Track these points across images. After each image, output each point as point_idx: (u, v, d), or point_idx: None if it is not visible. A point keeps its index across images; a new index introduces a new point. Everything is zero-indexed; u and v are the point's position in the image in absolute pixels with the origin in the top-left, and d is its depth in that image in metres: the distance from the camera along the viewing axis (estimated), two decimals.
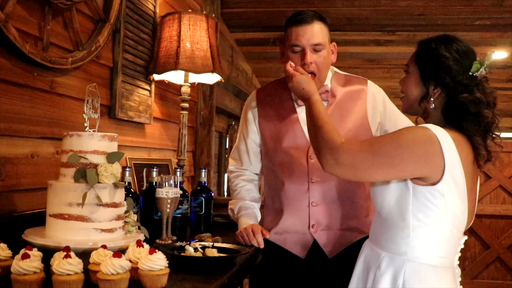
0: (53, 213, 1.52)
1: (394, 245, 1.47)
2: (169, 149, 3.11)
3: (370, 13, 4.15)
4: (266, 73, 6.31)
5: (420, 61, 1.52)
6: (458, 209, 1.45)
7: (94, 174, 1.50)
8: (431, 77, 1.48)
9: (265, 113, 2.00)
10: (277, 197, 1.96)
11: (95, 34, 2.16)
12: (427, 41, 1.53)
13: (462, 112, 1.45)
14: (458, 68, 1.46)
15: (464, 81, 1.45)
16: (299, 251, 1.90)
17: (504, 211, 6.48)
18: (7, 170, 1.70)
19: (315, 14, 1.86)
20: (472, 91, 1.45)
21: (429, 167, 1.40)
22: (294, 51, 1.85)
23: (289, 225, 1.92)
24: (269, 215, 2.02)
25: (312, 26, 1.83)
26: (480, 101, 1.44)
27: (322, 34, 1.85)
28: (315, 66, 1.85)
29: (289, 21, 1.88)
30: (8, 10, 1.62)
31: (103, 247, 1.37)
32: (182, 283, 1.40)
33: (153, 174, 2.06)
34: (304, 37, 1.82)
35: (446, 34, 1.54)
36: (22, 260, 1.23)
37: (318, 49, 1.84)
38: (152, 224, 1.94)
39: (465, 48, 1.49)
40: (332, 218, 1.88)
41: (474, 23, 4.14)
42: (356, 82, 1.98)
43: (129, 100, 2.52)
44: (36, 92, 1.85)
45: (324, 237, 1.88)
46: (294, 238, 1.91)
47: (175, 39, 2.59)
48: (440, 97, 1.49)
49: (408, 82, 1.55)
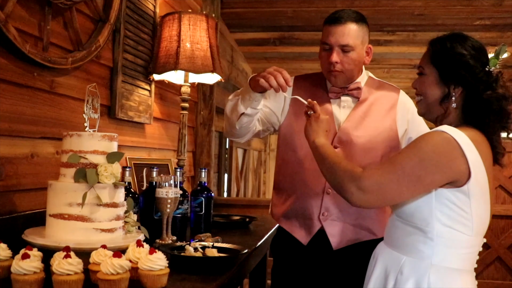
0: (53, 213, 1.52)
1: (417, 249, 1.44)
2: (169, 149, 3.11)
3: (370, 13, 4.14)
4: None
5: (437, 61, 1.48)
6: (482, 210, 1.43)
7: (94, 174, 1.50)
8: (452, 76, 1.46)
9: (300, 96, 1.99)
10: (289, 180, 1.95)
11: (95, 34, 2.17)
12: (441, 41, 1.50)
13: (486, 110, 1.43)
14: (477, 64, 1.44)
15: (484, 78, 1.44)
16: (303, 236, 1.89)
17: (504, 211, 6.48)
18: (7, 170, 1.70)
19: (352, 15, 1.86)
20: (494, 88, 1.44)
21: (455, 172, 1.38)
22: (324, 48, 1.88)
23: (298, 210, 1.91)
24: (280, 198, 2.00)
25: (344, 27, 1.83)
26: (504, 97, 1.43)
27: (354, 36, 1.84)
28: (341, 66, 1.86)
29: (326, 19, 1.89)
30: (8, 10, 1.62)
31: (103, 247, 1.37)
32: (182, 283, 1.40)
33: (153, 174, 2.06)
34: (334, 36, 1.84)
35: (455, 32, 1.52)
36: (22, 260, 1.23)
37: (346, 50, 1.84)
38: (152, 224, 1.94)
39: (479, 44, 1.48)
40: (344, 210, 1.86)
41: (474, 23, 4.14)
42: (389, 89, 2.01)
43: (129, 100, 2.52)
44: (36, 92, 1.85)
45: (333, 227, 1.87)
46: (300, 223, 1.90)
47: (175, 39, 2.59)
48: (461, 96, 1.47)
49: (427, 84, 1.51)
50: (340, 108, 1.94)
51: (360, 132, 1.89)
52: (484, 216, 1.44)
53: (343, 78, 1.90)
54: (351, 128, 1.90)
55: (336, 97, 1.94)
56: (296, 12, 4.21)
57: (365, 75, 1.99)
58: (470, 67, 1.44)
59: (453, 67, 1.45)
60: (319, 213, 1.88)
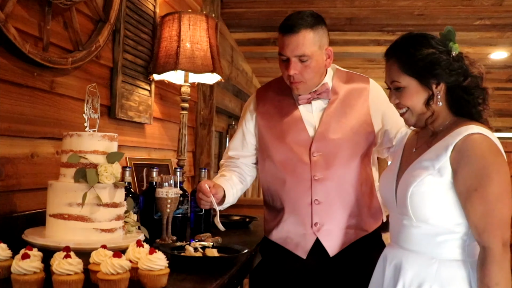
0: (53, 213, 1.52)
1: (450, 250, 1.45)
2: (169, 149, 3.11)
3: (370, 13, 4.14)
4: (266, 73, 6.31)
5: (410, 69, 1.49)
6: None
7: (94, 174, 1.50)
8: (430, 77, 1.48)
9: (265, 110, 1.99)
10: (277, 196, 1.95)
11: (95, 34, 2.16)
12: (402, 50, 1.51)
13: (472, 98, 1.47)
14: (447, 56, 1.47)
15: (456, 66, 1.47)
16: (301, 252, 1.89)
17: None
18: (7, 170, 1.70)
19: (306, 19, 1.77)
20: (470, 73, 1.48)
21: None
22: (281, 59, 1.83)
23: (290, 225, 1.90)
24: (270, 215, 2.00)
25: (297, 36, 1.76)
26: (480, 78, 1.47)
27: (310, 44, 1.77)
28: (300, 77, 1.81)
29: (280, 25, 1.82)
30: (8, 10, 1.62)
31: (103, 247, 1.37)
32: (182, 283, 1.40)
33: (153, 174, 2.06)
34: (288, 47, 1.77)
35: (406, 36, 1.53)
36: (22, 260, 1.23)
37: (304, 60, 1.78)
38: (152, 224, 1.94)
39: (434, 36, 1.51)
40: (334, 216, 1.87)
41: (474, 23, 4.13)
42: (358, 80, 1.97)
43: (129, 100, 2.52)
44: (36, 92, 1.85)
45: (327, 236, 1.87)
46: (295, 238, 1.90)
47: (175, 39, 2.59)
48: (444, 92, 1.49)
49: (409, 95, 1.51)
50: (312, 113, 1.91)
51: (338, 134, 1.87)
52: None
53: (305, 88, 1.86)
54: (327, 132, 1.87)
55: (307, 103, 1.90)
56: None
57: (330, 72, 1.95)
58: (443, 61, 1.46)
59: (429, 69, 1.47)
60: (311, 224, 1.87)
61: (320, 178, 1.86)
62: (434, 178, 1.44)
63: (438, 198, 1.45)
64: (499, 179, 1.38)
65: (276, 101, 1.98)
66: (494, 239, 1.36)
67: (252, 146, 2.04)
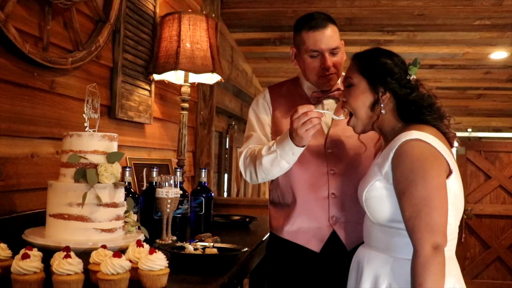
0: (53, 213, 1.52)
1: (404, 249, 1.47)
2: (169, 149, 3.12)
3: (370, 13, 4.14)
4: (266, 73, 6.31)
5: (365, 70, 1.59)
6: (459, 199, 1.51)
7: (94, 174, 1.50)
8: (380, 83, 1.56)
9: (280, 107, 2.00)
10: (289, 192, 1.94)
11: (95, 34, 2.17)
12: (366, 54, 1.63)
13: (420, 108, 1.54)
14: (401, 72, 1.57)
15: (408, 84, 1.56)
16: (314, 245, 1.88)
17: (504, 211, 6.48)
18: (7, 170, 1.70)
19: (326, 17, 1.89)
20: (417, 91, 1.56)
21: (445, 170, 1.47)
22: (312, 55, 1.88)
23: (304, 219, 1.90)
24: (278, 212, 1.99)
25: (328, 31, 1.85)
26: (428, 96, 1.56)
27: (337, 37, 1.89)
28: (334, 69, 1.89)
29: (302, 26, 1.89)
30: (8, 10, 1.62)
31: (103, 247, 1.37)
32: (182, 283, 1.40)
33: (153, 174, 2.06)
34: (322, 42, 1.85)
35: (378, 47, 1.66)
36: (22, 260, 1.23)
37: (335, 52, 1.88)
38: (152, 224, 1.94)
39: (400, 57, 1.62)
40: (351, 210, 1.87)
41: (474, 23, 4.13)
42: None
43: (129, 100, 2.52)
44: (36, 92, 1.85)
45: (344, 229, 1.87)
46: (308, 232, 1.89)
47: (175, 39, 2.59)
48: (389, 102, 1.57)
49: (357, 93, 1.61)
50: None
51: (349, 132, 1.86)
52: (460, 204, 1.53)
53: (336, 80, 1.93)
54: (340, 130, 1.91)
55: (318, 102, 1.94)
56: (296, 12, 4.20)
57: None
58: (395, 73, 1.57)
59: (381, 74, 1.57)
60: (328, 218, 1.88)
61: (336, 172, 1.88)
62: (381, 184, 1.52)
63: (388, 201, 1.51)
64: (424, 184, 1.41)
65: (290, 97, 2.00)
66: (420, 241, 1.37)
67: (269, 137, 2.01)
